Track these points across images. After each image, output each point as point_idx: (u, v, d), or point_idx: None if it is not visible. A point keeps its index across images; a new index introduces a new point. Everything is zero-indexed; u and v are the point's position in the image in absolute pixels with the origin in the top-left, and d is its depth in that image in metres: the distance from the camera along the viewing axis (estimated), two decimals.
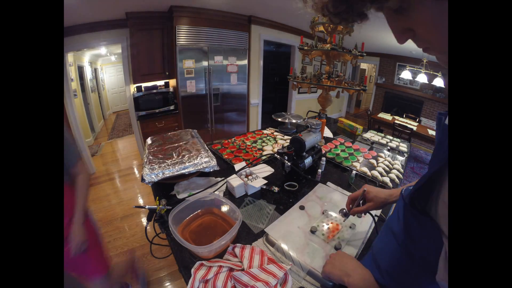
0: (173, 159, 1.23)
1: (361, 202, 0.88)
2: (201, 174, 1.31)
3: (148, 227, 0.97)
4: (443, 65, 0.38)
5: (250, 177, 1.21)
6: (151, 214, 0.99)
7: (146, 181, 1.08)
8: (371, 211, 0.90)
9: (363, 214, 0.89)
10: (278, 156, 1.27)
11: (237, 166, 1.44)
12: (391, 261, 0.56)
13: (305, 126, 1.35)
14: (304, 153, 1.27)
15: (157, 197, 1.06)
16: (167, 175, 1.13)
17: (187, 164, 1.19)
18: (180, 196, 1.16)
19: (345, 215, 0.89)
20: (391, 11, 0.36)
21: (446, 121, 0.43)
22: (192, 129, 1.65)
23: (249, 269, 0.73)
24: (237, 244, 0.85)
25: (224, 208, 1.04)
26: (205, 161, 1.22)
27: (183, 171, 1.16)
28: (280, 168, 1.41)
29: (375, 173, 1.41)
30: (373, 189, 0.86)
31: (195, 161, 1.21)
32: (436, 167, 0.42)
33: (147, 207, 0.98)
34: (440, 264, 0.42)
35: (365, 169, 1.44)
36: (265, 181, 1.22)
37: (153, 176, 1.10)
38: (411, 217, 0.50)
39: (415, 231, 0.49)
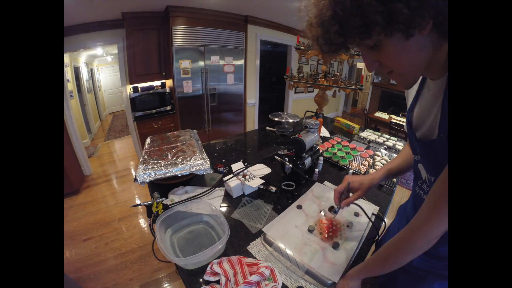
0: (167, 160, 1.22)
1: (349, 194, 0.91)
2: (196, 179, 1.31)
3: (145, 226, 0.96)
4: (401, 87, 0.55)
5: (247, 177, 1.21)
6: (150, 210, 0.99)
7: (139, 181, 1.07)
8: (364, 209, 0.98)
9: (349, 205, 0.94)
10: (279, 158, 1.27)
11: (234, 167, 1.44)
12: None
13: (303, 126, 1.35)
14: (304, 154, 1.27)
15: (154, 193, 1.05)
16: (159, 176, 1.11)
17: (179, 166, 1.16)
18: (171, 204, 1.10)
19: (335, 211, 0.89)
20: (366, 48, 0.49)
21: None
22: (191, 130, 1.65)
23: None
24: (213, 261, 0.79)
25: (214, 219, 1.01)
26: (199, 163, 1.20)
27: (175, 173, 1.14)
28: (278, 168, 1.41)
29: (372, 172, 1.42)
30: (356, 178, 0.92)
31: (189, 163, 1.19)
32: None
33: (142, 204, 0.98)
34: None
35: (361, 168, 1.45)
36: (263, 181, 1.22)
37: (145, 176, 1.09)
38: None
39: None
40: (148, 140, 1.48)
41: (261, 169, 1.42)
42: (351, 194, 0.91)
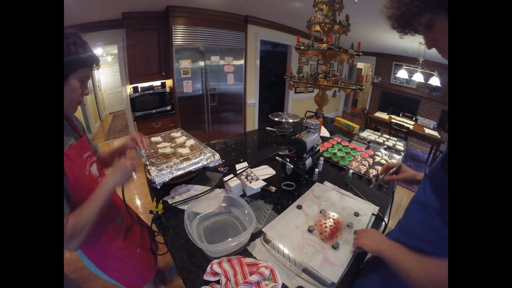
0: (178, 158, 1.24)
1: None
2: (200, 179, 1.31)
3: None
4: None
5: (249, 177, 1.21)
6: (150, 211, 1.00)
7: (157, 183, 1.08)
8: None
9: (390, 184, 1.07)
10: (280, 159, 1.27)
11: (238, 167, 1.44)
12: (423, 227, 0.64)
13: (304, 126, 1.35)
14: (305, 154, 1.27)
15: (155, 198, 1.06)
16: (177, 174, 1.13)
17: (193, 160, 1.21)
18: (173, 202, 1.12)
19: (377, 179, 1.00)
20: (425, 28, 0.53)
21: None
22: (180, 128, 1.65)
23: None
24: (213, 261, 0.80)
25: (241, 210, 1.02)
26: (208, 156, 1.25)
27: (190, 168, 1.18)
28: (278, 168, 1.41)
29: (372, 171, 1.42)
30: (404, 166, 1.02)
31: (200, 157, 1.23)
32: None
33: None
34: None
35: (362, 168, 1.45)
36: (264, 183, 1.21)
37: (162, 177, 1.10)
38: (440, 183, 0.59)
39: (442, 192, 0.58)
40: None
41: (264, 170, 1.42)
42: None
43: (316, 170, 1.35)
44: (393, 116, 5.13)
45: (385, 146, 1.86)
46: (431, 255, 0.57)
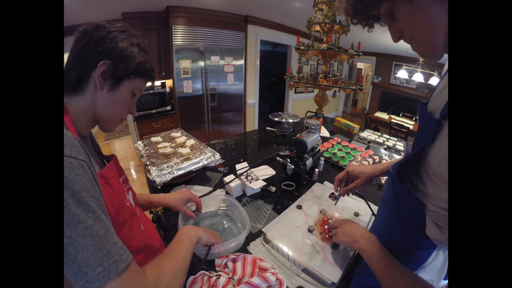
0: (178, 157, 1.25)
1: (349, 181, 0.94)
2: (200, 179, 1.32)
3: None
4: (424, 58, 0.52)
5: (249, 177, 1.21)
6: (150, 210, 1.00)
7: (157, 183, 1.08)
8: (366, 201, 1.01)
9: (350, 194, 0.99)
10: (281, 160, 1.27)
11: (238, 166, 1.44)
12: (387, 227, 0.68)
13: (304, 127, 1.35)
14: (305, 155, 1.26)
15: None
16: (177, 174, 1.14)
17: (193, 160, 1.21)
18: None
19: (336, 197, 0.91)
20: (388, 18, 0.50)
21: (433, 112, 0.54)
22: (180, 128, 1.65)
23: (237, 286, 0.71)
24: (230, 256, 0.80)
25: (238, 212, 1.01)
26: (208, 156, 1.26)
27: (191, 168, 1.18)
28: (278, 168, 1.41)
29: None
30: (357, 167, 0.94)
31: (201, 157, 1.24)
32: (419, 147, 0.54)
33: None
34: (428, 223, 0.54)
35: None
36: (264, 183, 1.21)
37: (163, 177, 1.10)
38: (397, 186, 0.62)
39: (400, 196, 0.62)
40: (139, 146, 1.40)
41: (264, 170, 1.42)
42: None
43: (316, 170, 1.35)
44: (393, 116, 5.13)
45: (385, 146, 1.86)
46: (397, 255, 0.60)
